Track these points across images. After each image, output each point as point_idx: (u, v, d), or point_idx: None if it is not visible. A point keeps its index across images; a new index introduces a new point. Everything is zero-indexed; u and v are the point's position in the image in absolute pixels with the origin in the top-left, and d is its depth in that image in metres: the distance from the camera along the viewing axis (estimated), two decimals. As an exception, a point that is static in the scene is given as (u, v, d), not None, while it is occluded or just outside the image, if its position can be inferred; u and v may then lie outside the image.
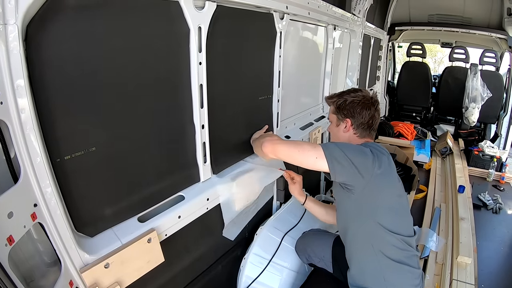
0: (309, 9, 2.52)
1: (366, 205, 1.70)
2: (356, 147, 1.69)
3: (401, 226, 1.74)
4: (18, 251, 1.18)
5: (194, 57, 1.61)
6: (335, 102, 1.97)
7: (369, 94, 1.96)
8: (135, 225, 1.52)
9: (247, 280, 2.19)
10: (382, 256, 1.70)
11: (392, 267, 1.70)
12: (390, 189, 1.72)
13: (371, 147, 1.71)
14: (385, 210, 1.70)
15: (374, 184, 1.64)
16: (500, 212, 3.77)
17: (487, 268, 2.78)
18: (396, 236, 1.69)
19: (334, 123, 2.00)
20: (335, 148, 1.63)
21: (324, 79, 3.63)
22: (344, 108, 1.93)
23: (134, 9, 1.31)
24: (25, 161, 1.04)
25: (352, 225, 1.80)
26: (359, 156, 1.63)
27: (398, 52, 7.96)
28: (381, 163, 1.65)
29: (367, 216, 1.71)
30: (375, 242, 1.71)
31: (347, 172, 1.61)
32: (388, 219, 1.70)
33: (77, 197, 1.29)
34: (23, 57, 0.98)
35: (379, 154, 1.68)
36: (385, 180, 1.67)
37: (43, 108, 1.10)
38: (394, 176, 1.75)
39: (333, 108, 2.00)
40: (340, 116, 1.95)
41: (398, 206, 1.75)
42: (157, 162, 1.63)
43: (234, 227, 2.28)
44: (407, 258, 1.72)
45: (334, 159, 1.60)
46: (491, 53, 5.81)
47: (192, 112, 1.72)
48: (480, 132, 6.21)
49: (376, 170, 1.62)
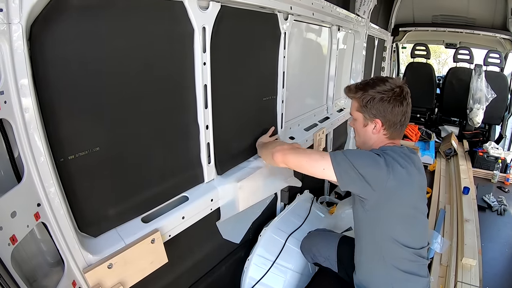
0: (313, 9, 2.51)
1: (379, 219, 1.63)
2: (369, 157, 1.58)
3: (414, 239, 1.67)
4: (21, 250, 1.18)
5: (198, 57, 1.61)
6: (360, 99, 1.74)
7: (398, 84, 1.72)
8: (138, 225, 1.52)
9: (251, 282, 2.18)
10: (392, 268, 1.66)
11: (402, 277, 1.66)
12: (406, 201, 1.60)
13: (388, 156, 1.58)
14: (399, 224, 1.63)
15: (387, 197, 1.56)
16: (505, 214, 3.75)
17: (492, 270, 2.76)
18: (408, 250, 1.63)
19: (360, 122, 1.80)
20: (343, 158, 1.56)
21: (328, 80, 3.62)
22: (372, 107, 1.71)
23: (138, 9, 1.31)
24: (29, 160, 1.04)
25: (365, 235, 1.74)
26: (370, 167, 1.54)
27: (402, 53, 7.94)
28: (396, 174, 1.52)
29: (380, 230, 1.65)
30: (386, 255, 1.66)
31: (356, 184, 1.54)
32: (401, 232, 1.63)
33: (81, 197, 1.29)
34: (27, 57, 0.97)
35: (394, 164, 1.54)
36: (400, 192, 1.56)
37: (47, 108, 1.10)
38: (413, 185, 1.61)
39: (357, 105, 1.78)
40: (368, 116, 1.74)
41: (412, 218, 1.65)
42: (161, 163, 1.63)
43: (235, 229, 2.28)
44: (417, 268, 1.69)
45: (342, 170, 1.55)
46: (495, 53, 5.81)
47: (196, 112, 1.72)
48: (485, 133, 6.20)
49: (390, 182, 1.51)
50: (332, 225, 2.69)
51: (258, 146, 2.22)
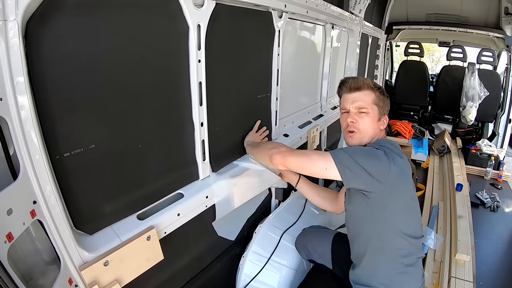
0: (308, 7, 2.52)
1: (383, 209, 1.65)
2: (367, 151, 1.63)
3: (414, 228, 1.71)
4: (17, 248, 1.18)
5: (193, 54, 1.61)
6: (379, 91, 1.83)
7: None
8: (134, 222, 1.52)
9: (246, 279, 2.19)
10: (395, 259, 1.69)
11: (401, 270, 1.69)
12: (406, 190, 1.67)
13: (385, 148, 1.63)
14: (401, 214, 1.67)
15: (392, 187, 1.59)
16: (498, 210, 3.79)
17: (485, 266, 2.79)
18: (408, 239, 1.67)
19: (375, 116, 1.81)
20: (345, 155, 1.59)
21: (322, 78, 3.63)
22: (387, 103, 1.83)
23: (134, 7, 1.31)
24: (25, 158, 1.04)
25: (366, 228, 1.75)
26: (372, 160, 1.57)
27: (395, 51, 7.99)
28: (396, 163, 1.57)
29: (383, 220, 1.67)
30: (390, 246, 1.69)
31: (361, 179, 1.57)
32: (404, 222, 1.67)
33: (77, 195, 1.29)
34: (23, 54, 0.97)
35: (393, 155, 1.59)
36: (402, 181, 1.62)
37: (43, 105, 1.10)
38: (409, 176, 1.67)
39: (374, 97, 1.81)
40: (384, 111, 1.83)
41: (411, 208, 1.71)
42: (156, 160, 1.63)
43: (230, 226, 2.29)
44: (414, 260, 1.72)
45: (345, 167, 1.57)
46: (488, 52, 5.85)
47: (191, 109, 1.72)
48: (478, 130, 6.23)
49: (392, 172, 1.56)
50: (326, 221, 2.69)
51: (248, 146, 2.18)
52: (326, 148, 3.70)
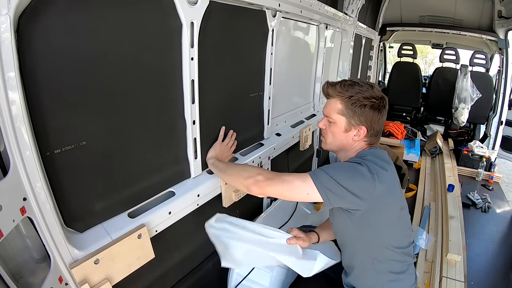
0: (301, 7, 2.52)
1: (368, 226, 1.58)
2: (350, 170, 1.51)
3: (401, 239, 1.66)
4: (6, 246, 1.16)
5: (186, 52, 1.60)
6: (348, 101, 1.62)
7: (380, 92, 1.66)
8: (125, 220, 1.51)
9: (238, 278, 2.18)
10: (384, 271, 1.66)
11: (391, 278, 1.66)
12: (393, 203, 1.59)
13: (369, 162, 1.52)
14: (388, 227, 1.61)
15: (377, 204, 1.52)
16: (489, 211, 3.84)
17: (477, 266, 2.81)
18: (397, 251, 1.63)
19: (342, 127, 1.67)
20: (326, 176, 1.48)
21: (315, 78, 3.64)
22: (361, 113, 1.61)
23: (127, 3, 1.30)
24: (15, 154, 1.03)
25: (352, 242, 1.71)
26: (356, 180, 1.47)
27: (389, 53, 8.03)
28: (382, 180, 1.48)
29: (369, 235, 1.61)
30: (378, 260, 1.65)
31: (344, 200, 1.48)
32: (390, 235, 1.62)
33: (67, 192, 1.28)
34: (14, 49, 0.96)
35: (378, 169, 1.49)
36: (388, 197, 1.54)
37: (34, 101, 1.08)
38: (396, 188, 1.61)
39: (342, 107, 1.64)
40: (354, 122, 1.63)
41: (400, 219, 1.65)
42: (148, 157, 1.63)
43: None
44: (406, 267, 1.70)
45: (328, 190, 1.47)
46: (481, 54, 5.90)
47: (183, 107, 1.72)
48: (470, 132, 6.30)
49: (377, 189, 1.46)
50: (318, 221, 2.69)
51: (214, 167, 1.92)
52: (319, 148, 3.70)
